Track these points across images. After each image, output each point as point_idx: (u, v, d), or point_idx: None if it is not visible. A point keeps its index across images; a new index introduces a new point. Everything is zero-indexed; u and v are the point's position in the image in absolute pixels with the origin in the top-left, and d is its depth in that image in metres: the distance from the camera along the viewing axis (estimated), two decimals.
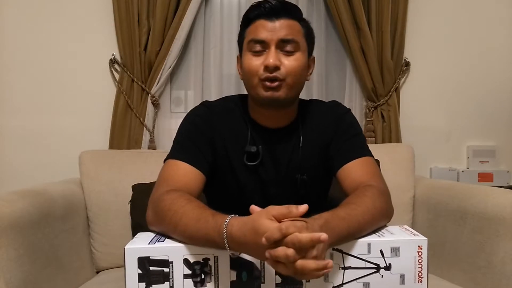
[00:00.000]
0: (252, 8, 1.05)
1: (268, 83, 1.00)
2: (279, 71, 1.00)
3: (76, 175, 1.64)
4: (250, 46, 1.03)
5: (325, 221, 0.77)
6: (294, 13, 1.05)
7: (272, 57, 0.99)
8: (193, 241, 0.80)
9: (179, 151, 1.06)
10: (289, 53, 1.01)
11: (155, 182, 1.02)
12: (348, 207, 0.87)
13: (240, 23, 1.10)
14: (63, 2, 1.96)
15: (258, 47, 1.02)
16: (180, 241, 0.82)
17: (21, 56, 1.96)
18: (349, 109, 1.18)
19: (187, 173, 1.01)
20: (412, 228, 0.89)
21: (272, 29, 1.01)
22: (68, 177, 1.67)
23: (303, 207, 0.74)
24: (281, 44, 1.01)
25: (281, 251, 0.68)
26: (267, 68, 0.99)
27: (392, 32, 2.04)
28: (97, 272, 1.56)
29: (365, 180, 1.00)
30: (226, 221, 0.77)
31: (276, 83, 1.00)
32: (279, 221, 0.72)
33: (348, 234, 0.81)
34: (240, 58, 1.11)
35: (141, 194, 1.52)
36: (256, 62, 1.01)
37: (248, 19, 1.05)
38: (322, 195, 1.21)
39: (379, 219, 0.90)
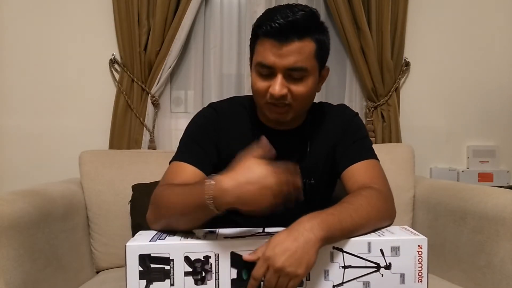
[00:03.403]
0: (261, 23, 0.97)
1: (274, 108, 1.00)
2: (286, 99, 0.98)
3: (76, 175, 1.64)
4: (257, 68, 0.99)
5: (312, 216, 0.80)
6: (305, 31, 0.95)
7: (278, 85, 0.95)
8: (182, 213, 0.84)
9: (184, 152, 1.06)
10: (296, 81, 0.98)
11: (155, 182, 1.02)
12: (340, 205, 0.88)
13: (252, 27, 1.03)
14: (63, 2, 1.96)
15: (265, 71, 0.97)
16: (180, 234, 0.83)
17: (21, 56, 1.96)
18: (357, 113, 1.18)
19: (190, 174, 1.02)
20: (412, 228, 0.89)
21: (280, 54, 0.94)
22: (68, 177, 1.67)
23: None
24: (289, 72, 0.96)
25: None
26: (272, 96, 0.97)
27: (392, 32, 2.04)
28: (97, 272, 1.55)
29: (368, 182, 1.00)
30: (211, 178, 0.81)
31: (284, 109, 1.00)
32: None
33: (341, 229, 0.81)
34: (250, 66, 1.07)
35: (141, 194, 1.52)
36: (262, 85, 0.99)
37: (257, 33, 0.99)
38: (326, 197, 1.21)
39: (377, 218, 0.89)
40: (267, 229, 0.90)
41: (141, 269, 0.78)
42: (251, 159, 0.79)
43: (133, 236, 0.86)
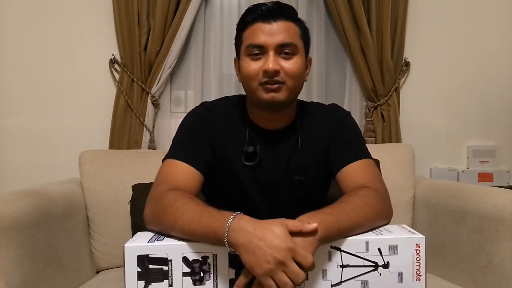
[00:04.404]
0: (249, 11, 1.04)
1: (268, 86, 1.00)
2: (278, 75, 0.99)
3: (76, 175, 1.64)
4: (248, 50, 1.02)
5: (309, 216, 0.80)
6: (290, 14, 1.03)
7: (271, 62, 0.98)
8: (191, 235, 0.81)
9: (178, 151, 1.06)
10: (287, 57, 1.01)
11: None
12: (337, 204, 0.89)
13: (236, 26, 1.09)
14: (63, 2, 1.97)
15: (256, 51, 1.01)
16: (178, 238, 0.82)
17: (21, 56, 1.96)
18: (349, 112, 1.19)
19: (185, 173, 1.01)
20: (412, 228, 0.88)
21: (270, 32, 0.99)
22: (68, 177, 1.67)
23: (314, 226, 0.77)
24: (280, 48, 1.00)
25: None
26: (266, 73, 0.99)
27: (392, 32, 2.04)
28: (97, 272, 1.56)
29: (363, 182, 1.01)
30: (237, 213, 0.79)
31: (276, 85, 1.00)
32: (290, 232, 0.76)
33: (339, 228, 0.81)
34: (237, 61, 1.10)
35: (141, 194, 1.52)
36: (254, 66, 1.01)
37: (245, 22, 1.04)
38: (321, 196, 1.21)
39: (374, 218, 0.90)
40: None
41: (139, 270, 0.78)
42: (279, 223, 0.77)
43: (132, 236, 0.86)
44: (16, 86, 1.96)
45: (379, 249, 0.81)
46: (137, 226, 1.45)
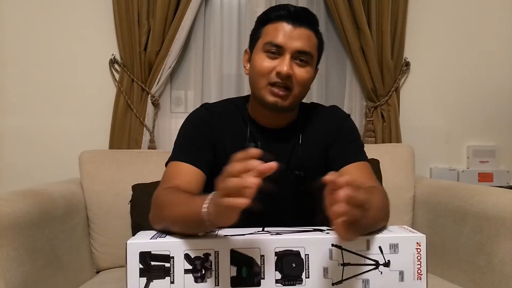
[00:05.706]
0: (275, 8, 1.05)
1: (276, 90, 1.01)
2: (289, 80, 1.01)
3: (76, 175, 1.64)
4: (266, 47, 1.03)
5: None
6: (313, 23, 1.05)
7: (286, 65, 1.00)
8: (181, 222, 0.82)
9: (179, 152, 1.08)
10: (301, 64, 1.02)
11: (155, 182, 1.03)
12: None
13: (257, 19, 1.09)
14: (63, 2, 1.97)
15: (273, 50, 1.02)
16: (179, 236, 0.82)
17: (21, 56, 1.96)
18: (349, 114, 1.20)
19: (188, 173, 1.03)
20: (412, 228, 0.89)
21: (291, 36, 1.01)
22: (68, 177, 1.67)
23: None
24: (296, 54, 1.01)
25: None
26: (279, 75, 1.00)
27: (392, 32, 2.04)
28: (97, 272, 1.56)
29: (363, 182, 1.01)
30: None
31: (284, 93, 1.02)
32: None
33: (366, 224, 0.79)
34: (249, 52, 1.11)
35: (141, 194, 1.52)
36: (268, 65, 1.02)
37: (269, 18, 1.05)
38: (316, 195, 1.21)
39: (382, 219, 0.90)
40: (267, 228, 0.90)
41: (141, 267, 0.78)
42: None
43: (133, 235, 0.86)
44: (16, 86, 1.96)
45: (380, 248, 0.81)
46: (137, 226, 1.45)
